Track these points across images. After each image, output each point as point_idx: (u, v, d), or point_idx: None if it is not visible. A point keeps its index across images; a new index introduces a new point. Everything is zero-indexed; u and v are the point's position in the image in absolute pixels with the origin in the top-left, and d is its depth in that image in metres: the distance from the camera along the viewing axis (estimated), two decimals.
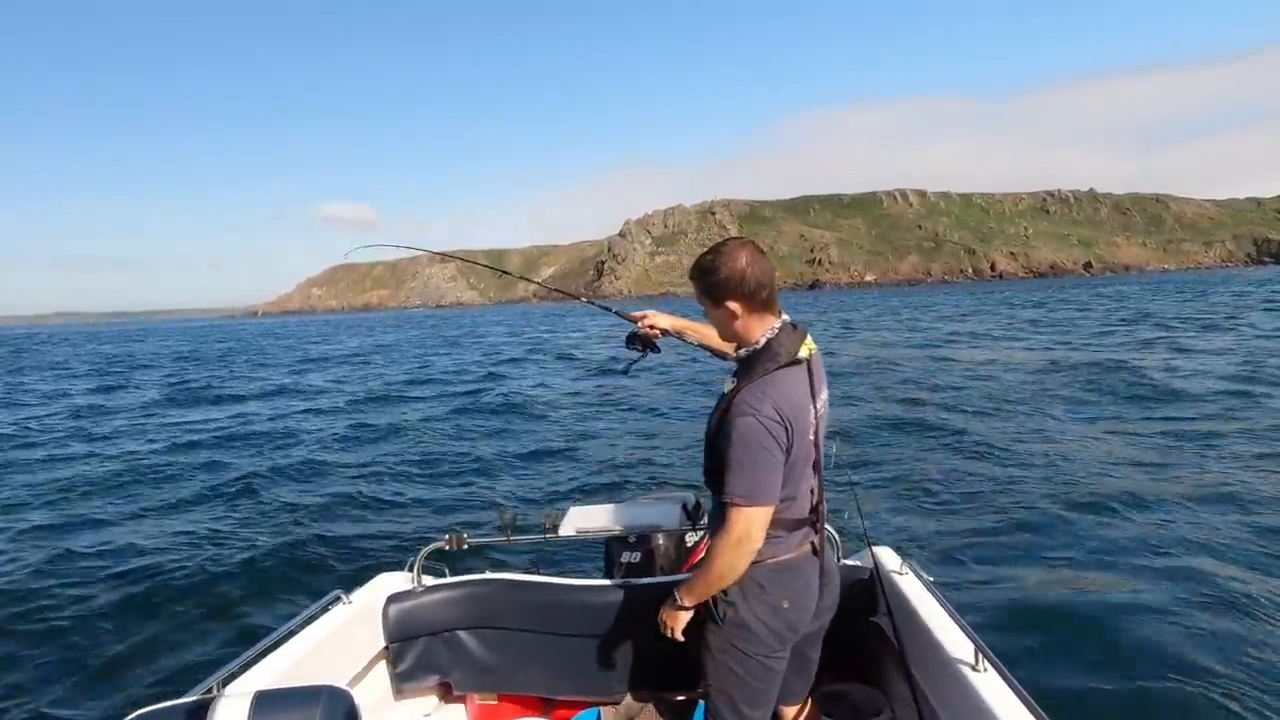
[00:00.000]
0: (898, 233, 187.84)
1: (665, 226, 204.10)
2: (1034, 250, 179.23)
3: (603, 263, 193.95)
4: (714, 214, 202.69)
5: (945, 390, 12.83)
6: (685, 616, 1.87)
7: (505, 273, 4.11)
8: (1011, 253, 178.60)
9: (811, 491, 1.82)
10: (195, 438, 11.90)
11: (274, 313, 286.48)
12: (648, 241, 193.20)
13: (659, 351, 2.29)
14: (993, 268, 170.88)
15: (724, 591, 1.79)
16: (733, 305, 1.75)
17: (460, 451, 9.99)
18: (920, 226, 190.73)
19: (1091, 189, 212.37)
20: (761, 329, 1.76)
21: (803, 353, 1.74)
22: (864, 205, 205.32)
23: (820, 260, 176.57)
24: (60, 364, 33.86)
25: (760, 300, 1.75)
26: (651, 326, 2.26)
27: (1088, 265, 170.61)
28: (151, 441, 11.80)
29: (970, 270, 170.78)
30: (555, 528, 2.68)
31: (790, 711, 2.04)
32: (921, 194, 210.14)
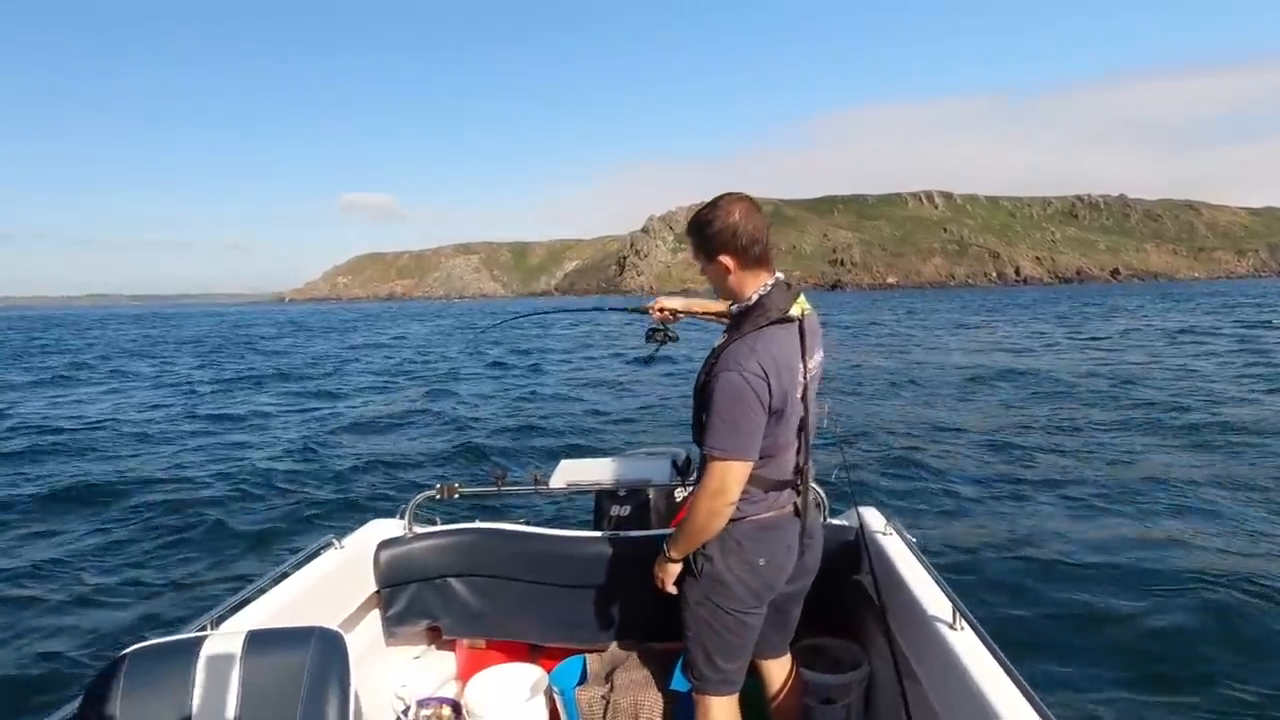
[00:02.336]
0: (922, 235, 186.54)
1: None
2: (1060, 255, 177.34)
3: (624, 258, 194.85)
4: None
5: (943, 369, 13.54)
6: (675, 569, 1.90)
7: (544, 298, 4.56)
8: (1037, 257, 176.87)
9: (797, 452, 1.82)
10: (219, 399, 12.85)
11: (301, 300, 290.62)
12: (670, 238, 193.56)
13: (677, 339, 2.31)
14: (1017, 272, 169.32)
15: (703, 545, 1.82)
16: (725, 260, 1.75)
17: (463, 413, 10.47)
18: (945, 229, 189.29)
19: (1122, 194, 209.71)
20: (754, 285, 1.76)
21: (794, 311, 1.74)
22: (888, 206, 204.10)
23: (843, 261, 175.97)
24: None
25: (753, 256, 1.74)
26: (663, 309, 2.29)
27: (1115, 272, 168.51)
28: (189, 401, 12.85)
29: (995, 274, 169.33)
30: (546, 480, 2.74)
31: (770, 664, 2.10)
32: (947, 196, 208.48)
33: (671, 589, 1.94)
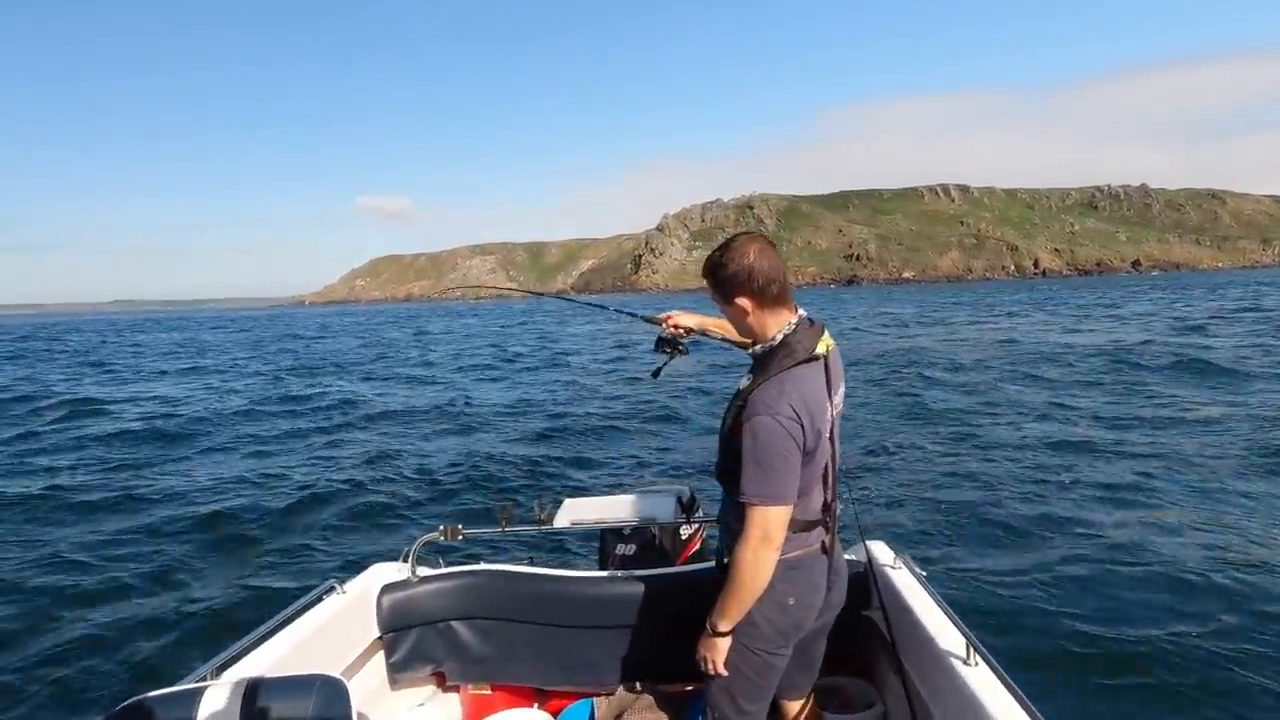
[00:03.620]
0: (938, 229, 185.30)
1: (703, 221, 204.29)
2: (1080, 247, 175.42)
3: (639, 256, 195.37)
4: (752, 209, 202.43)
5: (947, 387, 13.10)
6: (724, 644, 1.79)
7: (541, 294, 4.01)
8: (1056, 249, 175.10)
9: (824, 489, 1.82)
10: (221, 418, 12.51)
11: (320, 303, 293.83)
12: (685, 236, 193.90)
13: (687, 354, 2.26)
14: (1036, 265, 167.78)
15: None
16: (742, 302, 1.74)
17: (460, 446, 10.07)
18: (962, 223, 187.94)
19: (1143, 184, 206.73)
20: (777, 325, 1.75)
21: (820, 349, 1.72)
22: (904, 201, 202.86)
23: (858, 256, 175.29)
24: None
25: (771, 295, 1.73)
26: (676, 326, 2.23)
27: (1136, 263, 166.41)
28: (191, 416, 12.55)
29: (1013, 267, 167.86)
30: (550, 519, 2.71)
31: (793, 706, 2.06)
32: (964, 189, 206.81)
33: (722, 670, 1.82)
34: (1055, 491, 6.63)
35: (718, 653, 1.80)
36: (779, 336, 1.74)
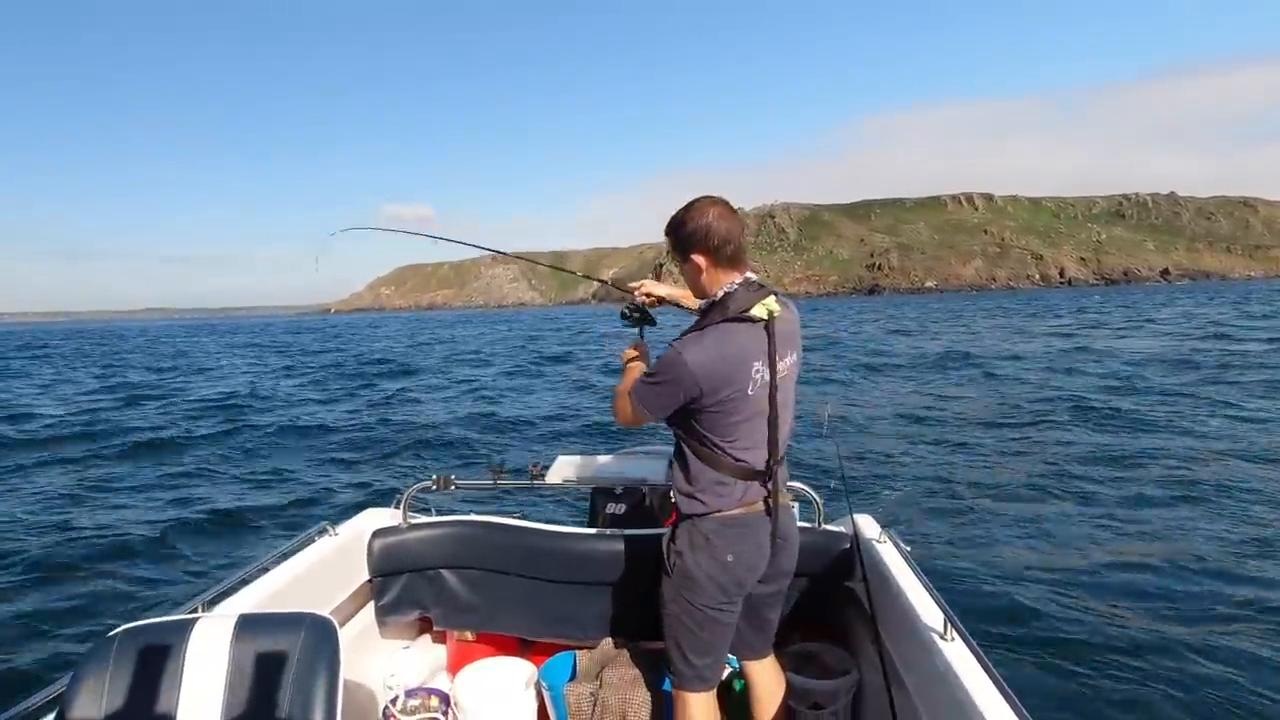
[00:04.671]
0: (961, 237, 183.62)
1: None
2: (1106, 256, 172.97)
3: (660, 265, 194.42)
4: (773, 218, 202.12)
5: (946, 374, 13.43)
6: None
7: (557, 268, 4.42)
8: (1082, 258, 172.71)
9: (766, 446, 1.85)
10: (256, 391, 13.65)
11: (346, 310, 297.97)
12: None
13: (654, 324, 2.26)
14: (1061, 274, 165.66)
15: (673, 539, 1.92)
16: (698, 258, 1.82)
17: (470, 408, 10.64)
18: (986, 231, 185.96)
19: (1172, 191, 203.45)
20: (724, 283, 1.83)
21: (758, 311, 1.77)
22: (927, 210, 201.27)
23: (880, 265, 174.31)
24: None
25: (725, 255, 1.81)
26: (648, 295, 2.27)
27: (1165, 272, 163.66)
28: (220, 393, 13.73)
29: (1037, 276, 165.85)
30: (542, 475, 2.74)
31: (754, 666, 2.14)
32: (988, 198, 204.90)
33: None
34: (1053, 480, 6.72)
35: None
36: (720, 293, 1.83)
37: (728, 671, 2.26)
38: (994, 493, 6.59)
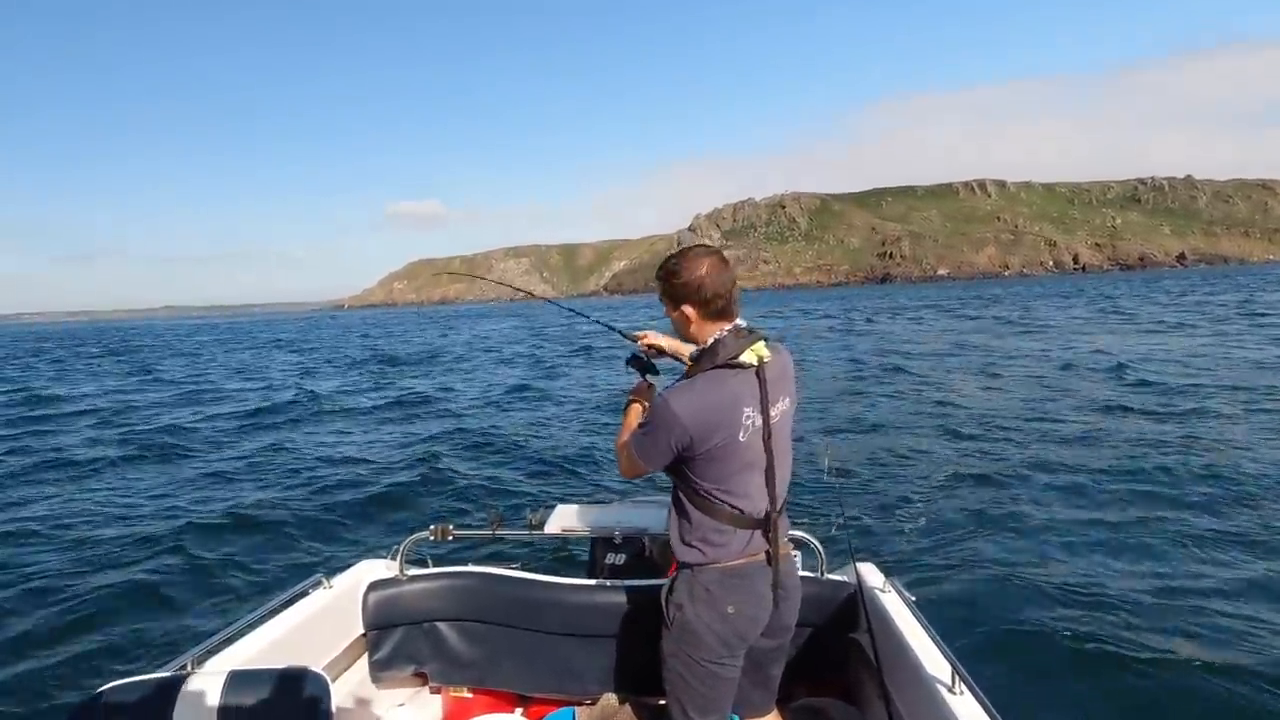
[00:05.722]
0: (974, 225, 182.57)
1: (735, 221, 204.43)
2: (1121, 241, 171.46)
3: (671, 257, 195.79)
4: (784, 207, 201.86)
5: (946, 406, 12.43)
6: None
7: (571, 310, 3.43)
8: (1097, 244, 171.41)
9: (764, 494, 1.84)
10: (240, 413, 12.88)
11: (358, 306, 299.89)
12: (717, 235, 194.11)
13: (658, 374, 2.26)
14: (1075, 260, 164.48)
15: (671, 592, 1.89)
16: (688, 310, 1.85)
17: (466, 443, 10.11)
18: (999, 218, 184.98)
19: (1189, 175, 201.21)
20: (713, 332, 1.85)
21: (747, 357, 1.79)
22: (939, 198, 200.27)
23: (891, 254, 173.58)
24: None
25: (715, 309, 1.83)
26: (650, 346, 2.28)
27: (1180, 257, 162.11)
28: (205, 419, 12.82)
29: (1051, 263, 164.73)
30: (541, 525, 2.70)
31: None
32: (1001, 184, 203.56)
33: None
34: (1063, 522, 6.34)
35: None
36: (710, 340, 1.85)
37: None
38: (1003, 532, 6.26)
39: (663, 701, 2.10)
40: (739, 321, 1.87)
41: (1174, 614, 4.47)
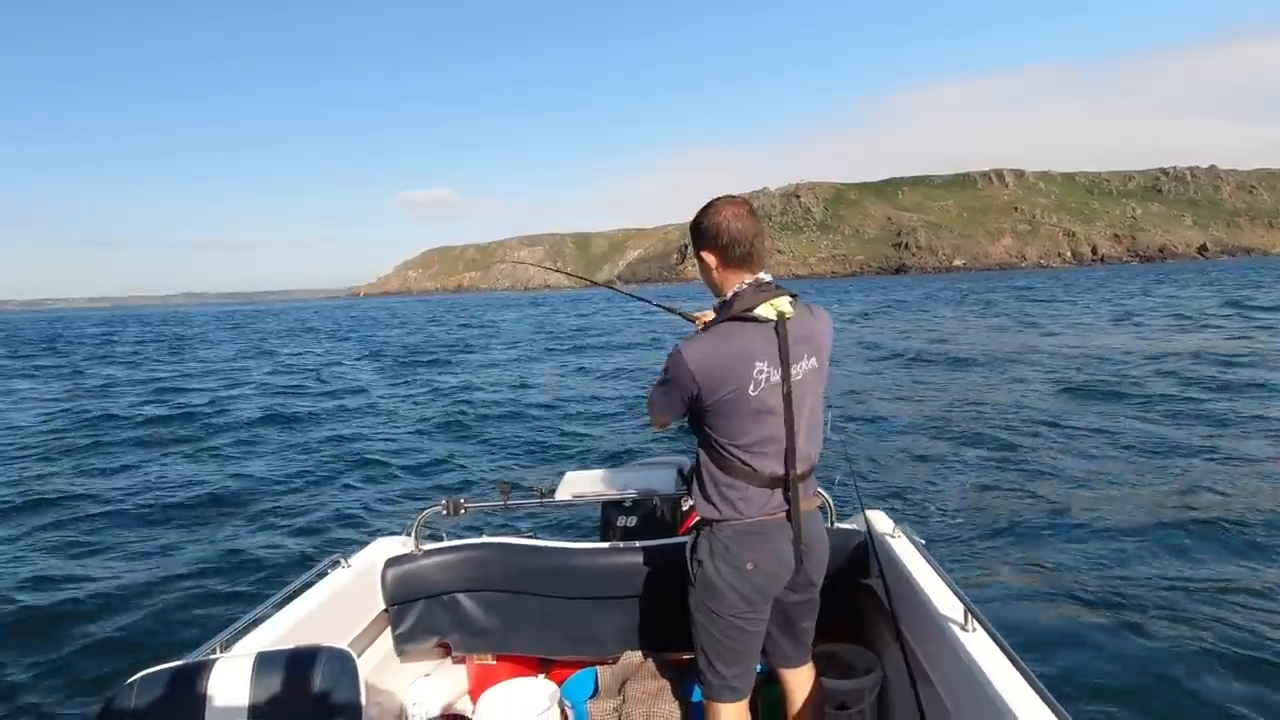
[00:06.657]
0: (991, 215, 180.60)
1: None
2: (1142, 233, 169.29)
3: (685, 246, 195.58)
4: (799, 197, 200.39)
5: (950, 364, 13.23)
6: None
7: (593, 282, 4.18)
8: (1116, 235, 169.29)
9: (783, 453, 1.83)
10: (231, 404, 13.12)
11: (374, 294, 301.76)
12: None
13: None
14: (1094, 251, 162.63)
15: (694, 548, 1.92)
16: (708, 256, 1.86)
17: (467, 421, 10.39)
18: (1016, 208, 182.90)
19: (1212, 165, 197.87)
20: (734, 283, 1.84)
21: (765, 311, 1.77)
22: (956, 187, 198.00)
23: (907, 244, 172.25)
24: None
25: (735, 256, 1.83)
26: (705, 325, 2.19)
27: (1202, 248, 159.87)
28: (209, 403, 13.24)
29: (1070, 254, 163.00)
30: (551, 493, 2.75)
31: (789, 674, 2.13)
32: (1019, 174, 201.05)
33: None
34: (1068, 468, 6.58)
35: None
36: (730, 293, 1.85)
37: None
38: (1009, 479, 6.47)
39: (685, 656, 2.09)
40: (763, 275, 1.86)
41: (1185, 565, 4.56)
